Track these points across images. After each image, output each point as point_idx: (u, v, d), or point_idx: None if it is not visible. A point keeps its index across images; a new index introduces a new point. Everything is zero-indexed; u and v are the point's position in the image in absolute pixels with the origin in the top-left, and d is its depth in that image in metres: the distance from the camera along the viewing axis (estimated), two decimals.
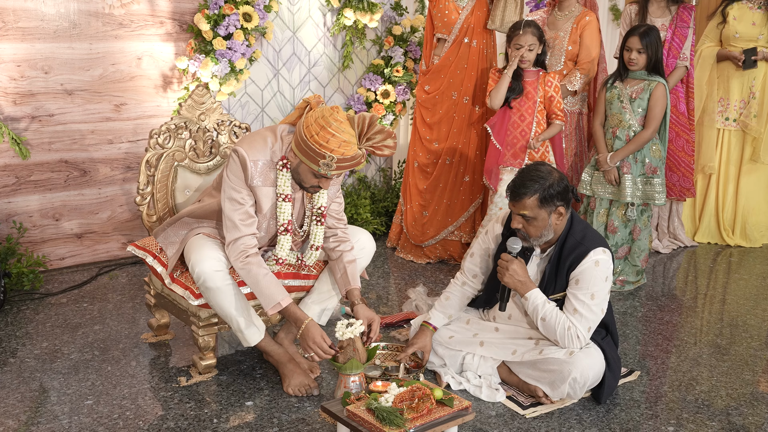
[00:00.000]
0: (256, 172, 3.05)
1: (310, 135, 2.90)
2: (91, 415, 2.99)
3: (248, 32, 4.78)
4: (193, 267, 3.04)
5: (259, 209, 3.12)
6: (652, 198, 4.45)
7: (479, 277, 3.43)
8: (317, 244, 3.24)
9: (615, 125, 4.46)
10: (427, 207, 4.96)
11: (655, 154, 4.45)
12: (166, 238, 3.33)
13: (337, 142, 2.88)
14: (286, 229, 3.15)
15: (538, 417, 3.05)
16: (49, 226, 4.58)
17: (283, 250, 3.18)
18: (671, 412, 3.13)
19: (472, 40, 4.71)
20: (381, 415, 2.67)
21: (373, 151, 3.02)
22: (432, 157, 4.92)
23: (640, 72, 4.38)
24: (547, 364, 3.09)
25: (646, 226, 4.54)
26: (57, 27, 4.40)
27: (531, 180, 3.08)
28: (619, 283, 4.56)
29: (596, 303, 3.08)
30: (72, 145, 4.56)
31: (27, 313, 4.00)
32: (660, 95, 4.35)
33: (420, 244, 4.98)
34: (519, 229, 3.13)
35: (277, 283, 3.08)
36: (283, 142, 3.09)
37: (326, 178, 3.02)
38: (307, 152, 2.92)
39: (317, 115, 2.93)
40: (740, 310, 4.30)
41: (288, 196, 3.10)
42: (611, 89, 4.47)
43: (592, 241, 3.13)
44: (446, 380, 3.27)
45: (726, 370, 3.54)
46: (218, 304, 3.09)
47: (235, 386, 3.26)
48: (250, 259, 3.05)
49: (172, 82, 4.82)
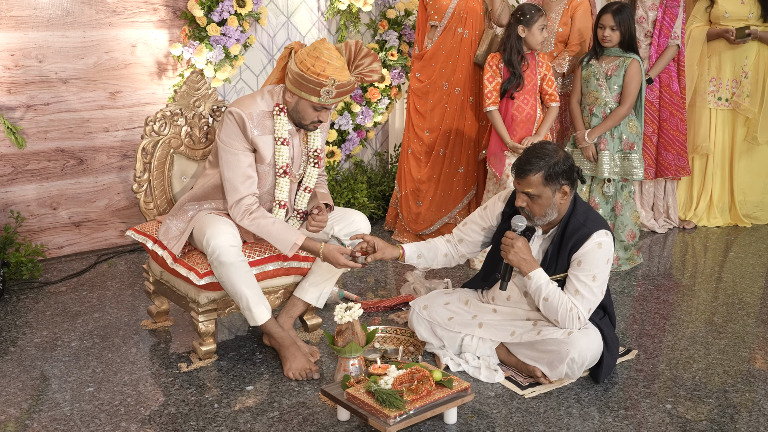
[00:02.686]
0: (254, 124, 3.17)
1: (306, 68, 3.05)
2: (92, 402, 3.01)
3: (242, 18, 4.77)
4: (209, 241, 3.07)
5: (262, 160, 3.23)
6: (630, 173, 4.51)
7: (465, 243, 3.44)
8: (310, 186, 3.39)
9: (591, 102, 4.50)
10: (420, 197, 4.96)
11: (632, 130, 4.51)
12: (168, 232, 3.33)
13: (333, 69, 3.05)
14: (284, 171, 3.26)
15: (537, 397, 3.08)
16: (47, 215, 4.59)
17: (282, 192, 3.29)
18: (668, 390, 3.16)
19: (464, 30, 4.69)
20: (381, 397, 2.69)
21: (363, 77, 3.20)
22: (424, 146, 4.91)
23: (614, 49, 4.42)
24: (545, 344, 3.11)
25: (627, 201, 4.58)
26: (50, 15, 4.39)
27: (536, 157, 3.08)
28: (614, 263, 4.58)
29: (597, 285, 3.10)
30: (68, 134, 4.56)
31: (26, 302, 4.01)
32: (635, 71, 4.41)
33: (416, 233, 4.99)
34: (523, 207, 3.14)
35: (287, 226, 3.20)
36: (272, 94, 3.24)
37: (326, 108, 3.17)
38: (306, 86, 3.07)
39: (308, 49, 3.10)
40: (736, 288, 4.32)
41: (286, 140, 3.23)
42: (587, 67, 4.51)
43: (594, 222, 3.14)
44: (445, 362, 3.29)
45: (722, 347, 3.56)
46: (230, 279, 3.11)
47: (236, 371, 3.28)
48: (255, 214, 3.17)
49: (167, 69, 4.81)
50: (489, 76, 4.43)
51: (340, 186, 5.36)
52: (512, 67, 4.34)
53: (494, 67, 4.41)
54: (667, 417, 2.95)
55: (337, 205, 5.09)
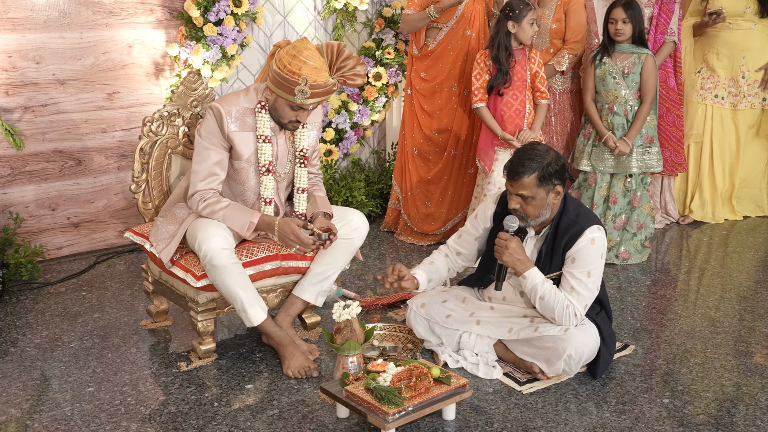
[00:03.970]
0: (231, 119, 3.18)
1: (283, 66, 3.06)
2: (92, 402, 3.02)
3: (239, 17, 4.78)
4: (200, 245, 3.08)
5: (239, 156, 3.24)
6: (651, 166, 4.60)
7: (463, 255, 3.48)
8: (303, 186, 3.38)
9: (611, 101, 4.51)
10: (430, 198, 4.95)
11: (650, 124, 4.57)
12: (157, 233, 3.34)
13: (309, 69, 3.04)
14: (267, 169, 3.27)
15: (535, 392, 3.09)
16: (46, 216, 4.60)
17: (267, 190, 3.29)
18: (666, 385, 3.18)
19: (472, 33, 4.68)
20: (380, 394, 2.70)
21: (345, 80, 3.18)
22: (434, 146, 4.89)
23: (626, 45, 4.42)
24: (542, 341, 3.13)
25: (643, 194, 4.64)
26: (47, 17, 4.40)
27: (529, 159, 3.09)
28: (623, 257, 4.61)
29: (592, 281, 3.12)
30: (66, 135, 4.57)
31: (26, 303, 4.03)
32: (651, 67, 4.45)
33: (427, 233, 4.98)
34: (516, 209, 3.15)
35: (242, 207, 3.22)
36: (257, 91, 3.26)
37: (303, 109, 3.15)
38: (281, 83, 3.07)
39: (288, 48, 3.11)
40: (733, 283, 4.34)
41: (267, 137, 3.23)
42: (600, 65, 4.50)
43: (586, 219, 3.16)
44: (443, 359, 3.31)
45: (719, 342, 3.58)
46: (223, 282, 3.13)
47: (235, 370, 3.29)
48: (208, 201, 3.19)
49: (164, 69, 4.82)
50: (476, 73, 4.44)
51: (338, 184, 5.37)
52: (499, 64, 4.34)
53: (482, 64, 4.42)
54: (665, 411, 2.96)
55: (335, 203, 5.10)
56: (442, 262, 3.48)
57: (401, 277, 3.30)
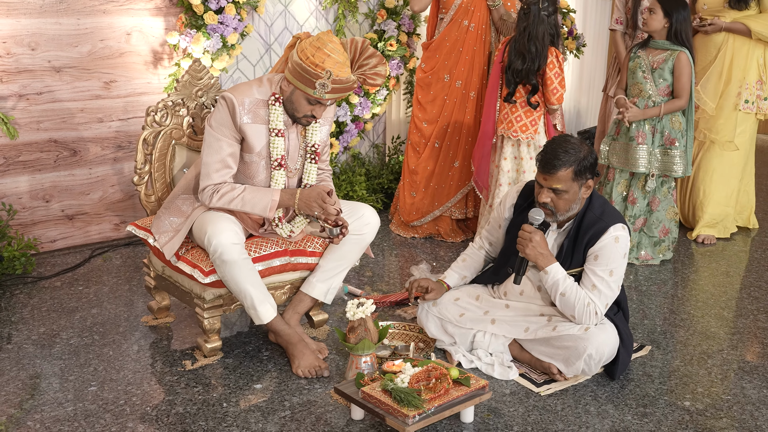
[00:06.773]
0: (244, 111, 3.07)
1: (305, 57, 2.95)
2: (96, 402, 2.90)
3: (240, 6, 4.66)
4: (210, 239, 2.97)
5: (250, 149, 3.13)
6: (670, 169, 4.39)
7: (494, 245, 3.44)
8: (311, 183, 3.27)
9: (636, 95, 4.41)
10: (415, 188, 4.89)
11: (674, 125, 4.37)
12: (159, 226, 3.22)
13: (332, 62, 2.94)
14: (279, 164, 3.16)
15: (553, 394, 3.01)
16: (39, 208, 4.46)
17: (277, 185, 3.18)
18: (686, 387, 3.10)
19: (470, 24, 4.60)
20: (398, 396, 2.61)
21: (365, 79, 3.08)
22: (422, 138, 4.84)
23: (662, 41, 4.32)
24: (561, 340, 3.04)
25: (665, 197, 4.51)
26: (43, 2, 4.25)
27: (565, 152, 2.99)
28: (643, 258, 4.52)
29: (614, 279, 3.03)
30: (61, 124, 4.43)
31: (21, 298, 3.89)
32: (684, 64, 4.28)
33: (408, 223, 4.92)
34: (546, 203, 3.06)
35: (257, 189, 3.12)
36: (271, 82, 3.14)
37: (320, 104, 3.05)
38: (302, 75, 2.97)
39: (312, 39, 3.01)
40: (744, 283, 4.28)
41: (280, 131, 3.13)
42: (634, 58, 4.42)
43: (611, 216, 3.07)
44: (457, 359, 3.22)
45: (735, 343, 3.51)
46: (233, 278, 3.02)
47: (242, 369, 3.18)
48: (222, 190, 3.07)
49: (163, 58, 4.69)
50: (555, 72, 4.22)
51: (338, 178, 5.26)
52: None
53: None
54: (687, 415, 2.89)
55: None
56: (476, 256, 3.46)
57: (425, 290, 3.30)
